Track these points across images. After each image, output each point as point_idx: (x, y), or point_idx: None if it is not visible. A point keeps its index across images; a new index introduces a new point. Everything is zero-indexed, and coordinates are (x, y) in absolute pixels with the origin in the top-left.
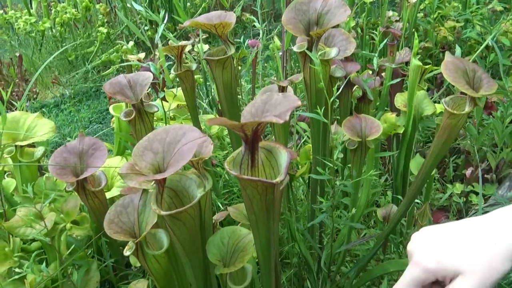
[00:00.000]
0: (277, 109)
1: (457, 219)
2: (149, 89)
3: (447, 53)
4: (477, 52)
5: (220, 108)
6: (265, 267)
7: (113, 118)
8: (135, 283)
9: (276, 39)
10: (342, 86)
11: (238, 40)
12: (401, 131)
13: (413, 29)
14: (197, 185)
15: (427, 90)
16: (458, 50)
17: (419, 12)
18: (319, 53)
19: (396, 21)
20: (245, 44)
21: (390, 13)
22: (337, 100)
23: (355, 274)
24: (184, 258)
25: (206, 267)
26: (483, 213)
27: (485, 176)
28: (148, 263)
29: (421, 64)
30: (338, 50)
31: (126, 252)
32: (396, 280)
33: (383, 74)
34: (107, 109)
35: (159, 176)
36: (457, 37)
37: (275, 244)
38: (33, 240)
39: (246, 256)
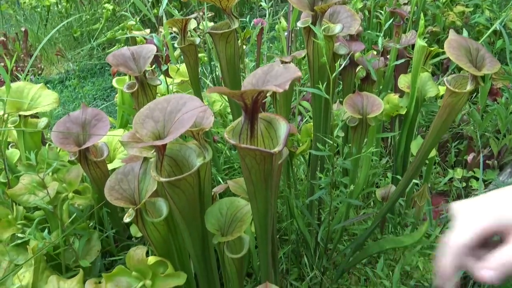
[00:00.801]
0: (277, 79)
1: None
2: (154, 67)
3: (451, 31)
4: (484, 36)
5: (223, 85)
6: (262, 238)
7: (117, 95)
8: (134, 249)
9: (282, 19)
10: (345, 63)
11: (244, 20)
12: (403, 112)
13: (421, 13)
14: (196, 155)
15: (433, 75)
16: (465, 34)
17: None
18: (322, 28)
19: (404, 4)
20: (251, 24)
21: None
22: (341, 82)
23: (352, 252)
24: (182, 226)
25: (204, 236)
26: None
27: (487, 162)
28: (147, 231)
29: (425, 45)
30: (342, 27)
31: (126, 219)
32: (392, 260)
33: (388, 56)
34: (112, 86)
35: (158, 142)
36: (465, 22)
37: (272, 216)
38: (36, 209)
39: (244, 226)
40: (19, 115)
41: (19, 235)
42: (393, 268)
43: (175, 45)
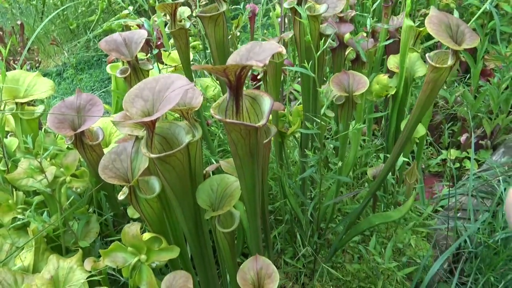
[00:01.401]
0: (260, 56)
1: (450, 183)
2: (149, 56)
3: (432, 8)
4: (475, 17)
5: None
6: (251, 212)
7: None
8: (128, 226)
9: (277, 6)
10: (329, 41)
11: (239, 7)
12: (393, 92)
13: None
14: (186, 132)
15: None
16: (456, 14)
17: None
18: (307, 5)
19: None
20: (246, 13)
21: None
22: (331, 64)
23: (344, 230)
24: (175, 203)
25: (196, 213)
26: (475, 178)
27: (480, 142)
28: (141, 208)
29: (413, 24)
30: (327, 6)
31: (120, 196)
32: (384, 237)
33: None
34: (109, 78)
35: (147, 119)
36: (458, 4)
37: (262, 192)
38: (36, 194)
39: (233, 201)
40: (16, 103)
41: (20, 216)
42: (386, 245)
43: (166, 29)
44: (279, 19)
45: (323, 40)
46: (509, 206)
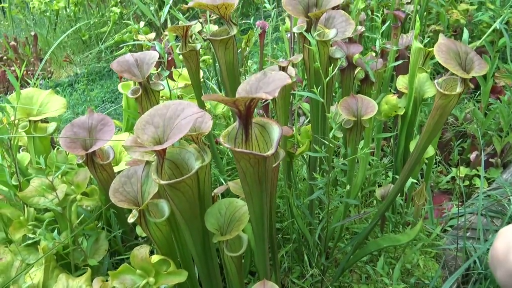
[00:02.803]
0: (269, 86)
1: (459, 202)
2: (160, 69)
3: (440, 35)
4: (485, 35)
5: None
6: (259, 236)
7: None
8: (138, 248)
9: (286, 20)
10: (337, 68)
11: (249, 22)
12: (402, 113)
13: (425, 12)
14: (195, 158)
15: (437, 73)
16: (465, 34)
17: None
18: (316, 33)
19: (408, 3)
20: (256, 32)
21: None
22: (340, 83)
23: (352, 251)
24: (184, 227)
25: (205, 236)
26: (485, 197)
27: (490, 160)
28: (150, 231)
29: (422, 46)
30: (337, 31)
31: (130, 219)
32: (393, 258)
33: (388, 57)
34: None
35: (158, 147)
36: (468, 20)
37: (270, 216)
38: (46, 210)
39: (241, 226)
40: (29, 120)
41: (30, 235)
42: (394, 265)
43: (177, 50)
44: (288, 34)
45: (331, 66)
46: (494, 259)
